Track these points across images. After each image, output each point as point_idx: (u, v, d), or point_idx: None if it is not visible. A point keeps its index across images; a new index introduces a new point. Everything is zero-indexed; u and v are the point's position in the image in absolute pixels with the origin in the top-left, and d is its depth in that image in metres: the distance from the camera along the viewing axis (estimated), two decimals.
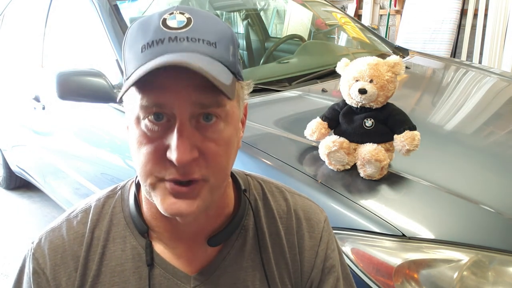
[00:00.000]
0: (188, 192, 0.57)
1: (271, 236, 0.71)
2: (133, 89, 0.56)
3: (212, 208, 0.65)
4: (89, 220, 0.68)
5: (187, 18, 0.56)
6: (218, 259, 0.68)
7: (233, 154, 0.62)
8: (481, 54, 3.81)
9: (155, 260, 0.66)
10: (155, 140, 0.56)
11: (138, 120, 0.57)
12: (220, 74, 0.54)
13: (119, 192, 0.71)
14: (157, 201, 0.59)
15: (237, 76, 0.59)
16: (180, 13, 0.57)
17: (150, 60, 0.54)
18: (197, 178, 0.56)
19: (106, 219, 0.69)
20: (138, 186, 0.69)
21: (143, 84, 0.54)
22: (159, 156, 0.56)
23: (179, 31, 0.56)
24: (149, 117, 0.56)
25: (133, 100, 0.57)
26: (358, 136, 1.23)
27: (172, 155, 0.54)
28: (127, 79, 0.57)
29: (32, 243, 0.69)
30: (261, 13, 3.00)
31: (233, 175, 0.73)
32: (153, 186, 0.58)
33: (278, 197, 0.74)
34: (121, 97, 0.57)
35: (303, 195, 0.78)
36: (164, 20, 0.56)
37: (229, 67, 0.58)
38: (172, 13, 0.57)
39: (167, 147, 0.55)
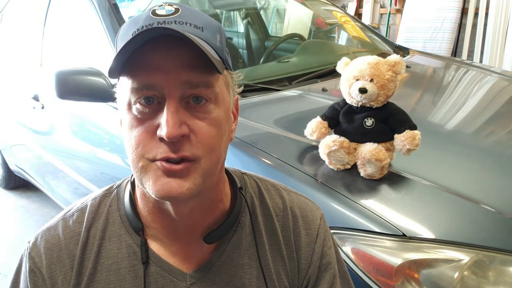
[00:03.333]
0: (179, 171, 0.57)
1: (267, 234, 0.71)
2: (124, 77, 0.58)
3: (206, 199, 0.65)
4: (85, 219, 0.69)
5: (175, 8, 0.60)
6: (214, 256, 0.68)
7: (225, 141, 0.62)
8: (481, 53, 3.81)
9: (150, 258, 0.66)
10: (146, 122, 0.57)
11: (129, 106, 0.59)
12: (209, 50, 0.56)
13: (115, 191, 0.72)
14: (148, 185, 0.58)
15: (225, 63, 0.61)
16: (169, 4, 0.60)
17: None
18: (188, 156, 0.57)
19: (102, 218, 0.69)
20: (133, 184, 0.70)
21: (133, 65, 0.56)
22: (150, 136, 0.57)
23: (168, 17, 0.58)
24: (140, 100, 0.57)
25: (124, 86, 0.58)
26: (359, 136, 1.22)
27: (162, 131, 0.55)
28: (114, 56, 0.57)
29: (29, 242, 0.69)
30: (261, 12, 2.99)
31: (229, 174, 0.73)
32: (144, 169, 0.58)
33: (274, 195, 0.75)
34: (109, 72, 0.58)
35: (299, 193, 0.78)
36: (154, 11, 0.59)
37: (216, 51, 0.59)
38: (161, 5, 0.60)
39: (158, 127, 0.57)
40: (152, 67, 0.56)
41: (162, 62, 0.56)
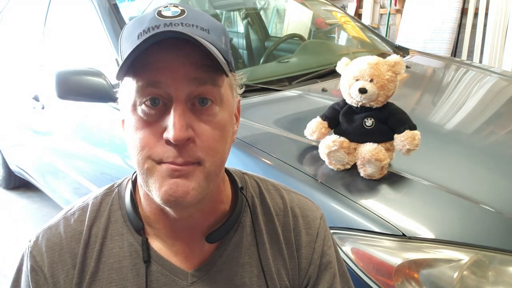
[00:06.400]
0: (184, 171, 0.57)
1: (268, 233, 0.71)
2: (128, 78, 0.57)
3: (207, 202, 0.65)
4: (87, 217, 0.69)
5: (180, 9, 0.59)
6: (215, 255, 0.68)
7: (228, 143, 0.63)
8: (481, 53, 3.81)
9: (152, 257, 0.66)
10: (152, 124, 0.57)
11: (134, 107, 0.58)
12: (216, 52, 0.57)
13: (116, 189, 0.72)
14: (154, 188, 0.59)
15: (229, 65, 0.61)
16: (174, 6, 0.60)
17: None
18: (193, 161, 0.58)
19: (104, 217, 0.69)
20: (134, 183, 0.70)
21: (139, 65, 0.56)
22: (156, 139, 0.57)
23: (174, 19, 0.58)
24: (146, 102, 0.57)
25: (129, 87, 0.58)
26: (358, 136, 1.22)
27: (169, 133, 0.55)
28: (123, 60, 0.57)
29: (30, 241, 0.69)
30: (261, 12, 2.99)
31: (229, 174, 0.73)
32: (150, 172, 0.58)
33: (274, 195, 0.75)
34: (117, 77, 0.58)
35: (299, 193, 0.79)
36: (159, 11, 0.59)
37: (222, 53, 0.59)
38: (167, 6, 0.60)
39: (164, 130, 0.57)
40: (159, 65, 0.56)
41: (169, 61, 0.56)
